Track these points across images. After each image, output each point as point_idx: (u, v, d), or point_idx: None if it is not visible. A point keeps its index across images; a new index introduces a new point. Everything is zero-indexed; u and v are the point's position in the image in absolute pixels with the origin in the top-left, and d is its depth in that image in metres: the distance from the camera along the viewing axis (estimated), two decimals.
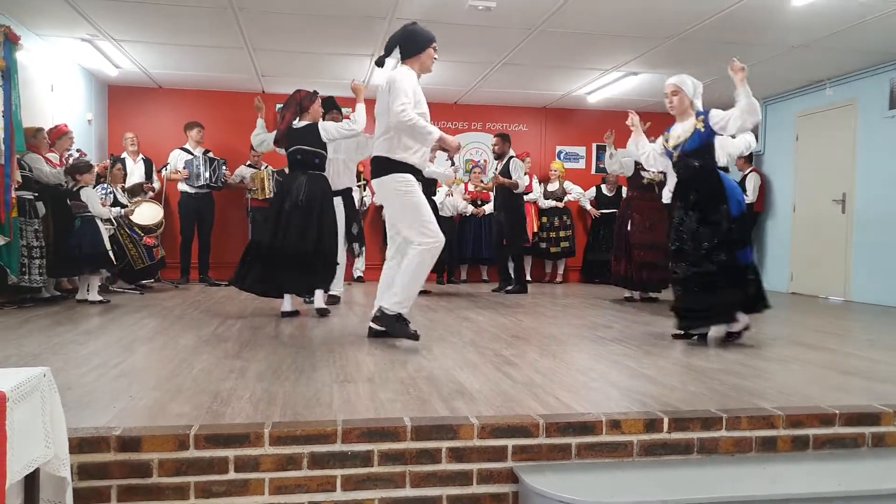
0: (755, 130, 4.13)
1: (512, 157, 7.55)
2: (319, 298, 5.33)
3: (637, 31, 6.35)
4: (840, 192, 7.71)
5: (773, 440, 2.58)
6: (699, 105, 4.35)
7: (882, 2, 5.38)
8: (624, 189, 9.43)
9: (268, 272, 4.95)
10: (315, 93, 5.32)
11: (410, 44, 4.10)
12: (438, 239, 4.02)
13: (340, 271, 5.78)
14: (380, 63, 4.22)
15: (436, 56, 4.18)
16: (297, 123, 5.19)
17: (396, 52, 4.12)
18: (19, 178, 5.50)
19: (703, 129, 4.19)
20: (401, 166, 4.04)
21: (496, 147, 7.76)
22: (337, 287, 6.03)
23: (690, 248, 4.16)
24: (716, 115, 4.16)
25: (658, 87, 8.50)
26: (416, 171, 4.09)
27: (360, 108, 5.27)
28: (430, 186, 7.49)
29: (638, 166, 6.74)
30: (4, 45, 5.37)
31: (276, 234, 4.97)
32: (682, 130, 4.31)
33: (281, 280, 4.98)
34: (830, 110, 7.88)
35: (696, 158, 4.22)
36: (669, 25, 6.14)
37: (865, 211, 7.43)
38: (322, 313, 5.23)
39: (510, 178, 7.41)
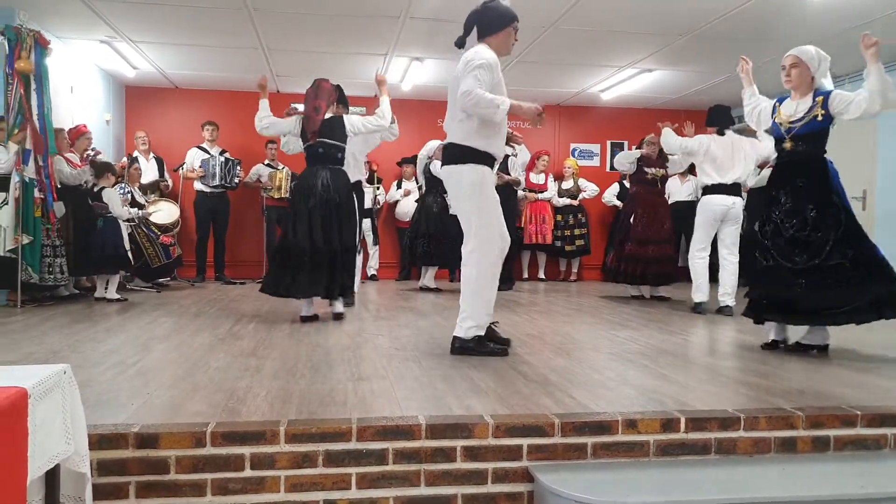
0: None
1: (508, 155, 7.53)
2: (339, 302, 5.05)
3: (651, 28, 6.31)
4: (860, 189, 7.62)
5: (793, 441, 2.55)
6: (826, 83, 3.90)
7: None
8: None
9: (298, 276, 4.72)
10: (338, 86, 5.21)
11: (488, 21, 3.71)
12: (496, 247, 3.64)
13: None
14: (459, 44, 3.82)
15: (516, 38, 3.78)
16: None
17: (475, 32, 3.75)
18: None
19: (821, 116, 3.81)
20: (478, 155, 3.65)
21: None
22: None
23: (814, 240, 3.71)
24: (839, 98, 3.77)
25: (673, 84, 8.50)
26: (492, 163, 3.71)
27: (385, 100, 5.13)
28: (439, 185, 7.51)
29: (641, 162, 6.73)
30: (35, 50, 5.46)
31: (307, 235, 4.75)
32: (797, 109, 3.91)
33: (309, 282, 4.74)
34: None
35: (809, 143, 3.87)
36: (683, 22, 6.09)
37: (886, 207, 7.34)
38: (338, 317, 4.97)
39: (509, 175, 7.40)
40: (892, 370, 3.49)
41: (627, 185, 9.19)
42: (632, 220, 6.72)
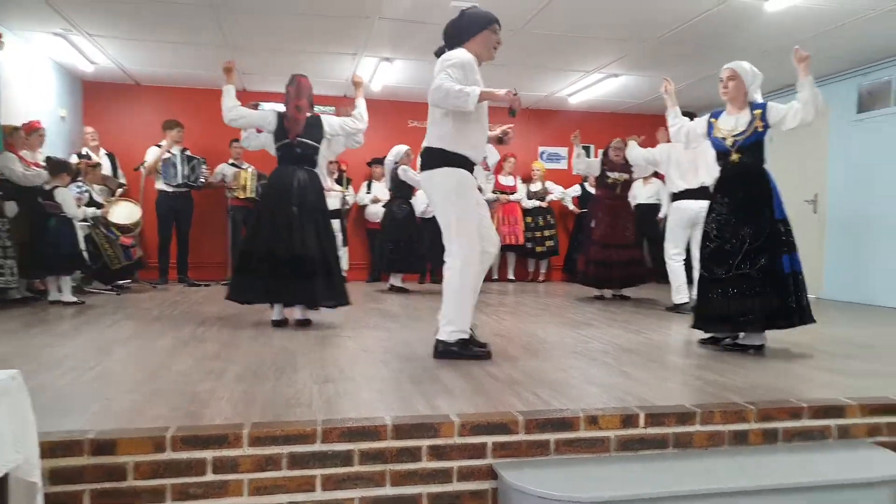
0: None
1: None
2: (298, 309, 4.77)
3: (617, 34, 6.40)
4: (812, 193, 7.85)
5: (745, 433, 2.62)
6: (757, 97, 4.05)
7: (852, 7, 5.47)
8: None
9: (271, 282, 4.52)
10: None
11: (465, 26, 3.67)
12: (477, 252, 3.57)
13: None
14: (438, 53, 3.72)
15: (498, 40, 3.72)
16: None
17: (455, 40, 3.71)
18: None
19: (761, 127, 3.93)
20: (454, 158, 3.57)
21: None
22: None
23: (733, 249, 3.90)
24: (774, 110, 3.92)
25: (638, 89, 8.62)
26: (471, 166, 3.63)
27: (362, 102, 4.99)
28: (406, 191, 7.53)
29: (604, 167, 6.81)
30: None
31: (276, 239, 4.52)
32: (738, 122, 4.02)
33: (284, 289, 4.54)
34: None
35: (751, 154, 3.98)
36: (648, 28, 6.19)
37: (836, 211, 7.58)
38: (302, 324, 4.72)
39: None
40: (836, 364, 3.60)
41: (589, 187, 9.34)
42: (592, 224, 6.82)
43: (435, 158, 3.61)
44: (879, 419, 2.76)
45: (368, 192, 9.16)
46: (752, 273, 3.84)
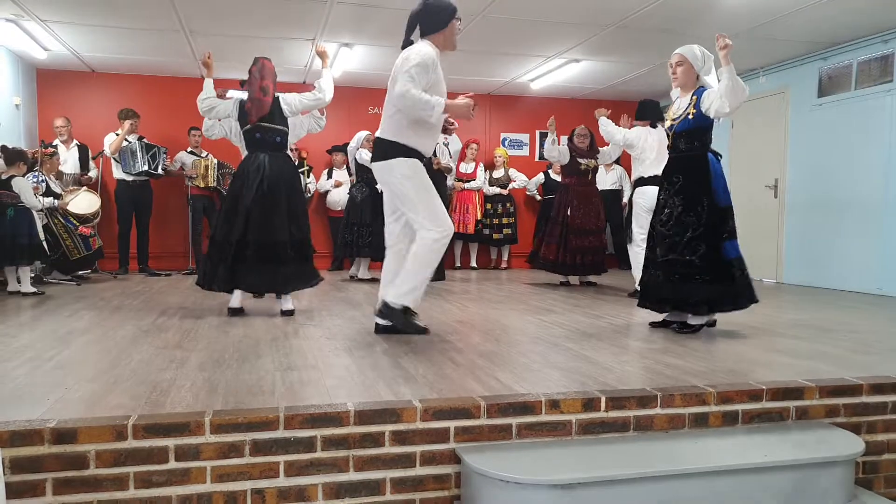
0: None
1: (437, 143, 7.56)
2: (288, 298, 4.73)
3: (578, 19, 6.44)
4: (772, 178, 8.01)
5: (706, 416, 2.69)
6: (709, 81, 4.02)
7: None
8: None
9: (238, 269, 4.46)
10: None
11: (429, 19, 3.76)
12: (449, 229, 3.77)
13: None
14: (404, 46, 3.82)
15: (460, 28, 3.84)
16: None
17: (418, 31, 3.79)
18: None
19: (692, 114, 3.97)
20: (406, 150, 3.75)
21: None
22: None
23: (672, 234, 4.01)
24: (705, 96, 3.91)
25: (600, 75, 8.70)
26: (421, 157, 3.81)
27: (327, 73, 4.87)
28: (369, 175, 7.46)
29: (574, 153, 6.86)
30: None
31: (242, 226, 4.43)
32: (678, 107, 4.10)
33: (253, 278, 4.50)
34: (763, 98, 8.15)
35: (687, 140, 4.04)
36: (609, 13, 6.23)
37: (796, 196, 7.74)
38: (287, 314, 4.63)
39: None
40: (795, 347, 3.71)
41: (553, 175, 9.41)
42: (569, 211, 6.85)
43: (388, 149, 3.76)
44: (837, 400, 2.84)
45: (329, 179, 9.10)
46: (695, 260, 3.95)
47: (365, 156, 7.16)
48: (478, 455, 2.35)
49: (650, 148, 6.01)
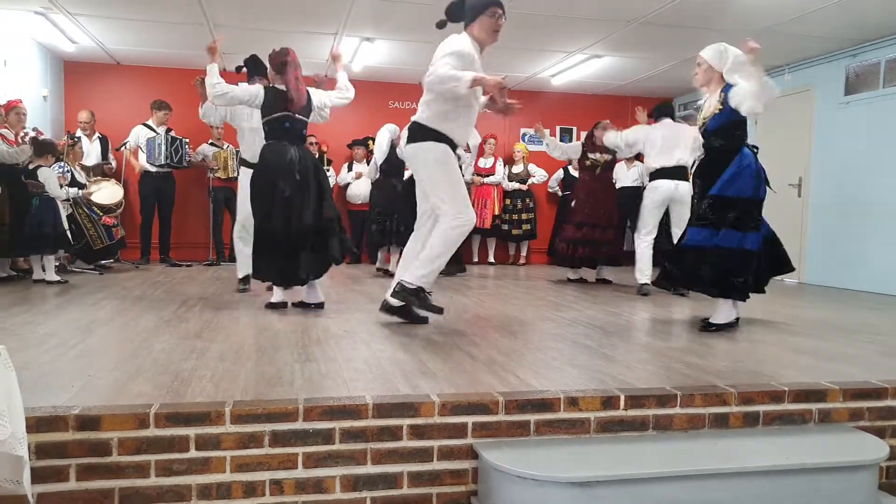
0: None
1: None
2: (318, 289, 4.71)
3: (600, 14, 6.39)
4: (796, 177, 7.90)
5: (726, 417, 2.66)
6: (735, 78, 3.96)
7: None
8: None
9: (287, 264, 4.45)
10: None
11: (466, 8, 3.75)
12: (470, 219, 3.82)
13: None
14: (440, 25, 3.83)
15: (502, 20, 3.76)
16: (283, 87, 4.59)
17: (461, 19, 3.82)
18: None
19: (719, 110, 3.98)
20: (437, 135, 3.78)
21: None
22: None
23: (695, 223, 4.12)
24: (734, 93, 3.89)
25: (621, 71, 8.64)
26: (453, 145, 3.85)
27: (344, 75, 4.95)
28: (400, 168, 7.48)
29: (584, 148, 6.85)
30: None
31: (288, 217, 4.40)
32: (707, 106, 4.13)
33: (299, 268, 4.45)
34: (788, 96, 8.04)
35: (720, 137, 4.05)
36: (631, 9, 6.19)
37: (820, 195, 7.63)
38: (319, 307, 4.64)
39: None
40: (818, 348, 3.67)
41: (573, 171, 9.37)
42: (573, 204, 6.89)
43: (420, 133, 3.80)
44: (861, 403, 2.79)
45: (350, 172, 9.13)
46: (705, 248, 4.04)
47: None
48: (495, 451, 2.35)
49: (651, 142, 6.10)
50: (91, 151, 7.87)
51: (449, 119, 3.77)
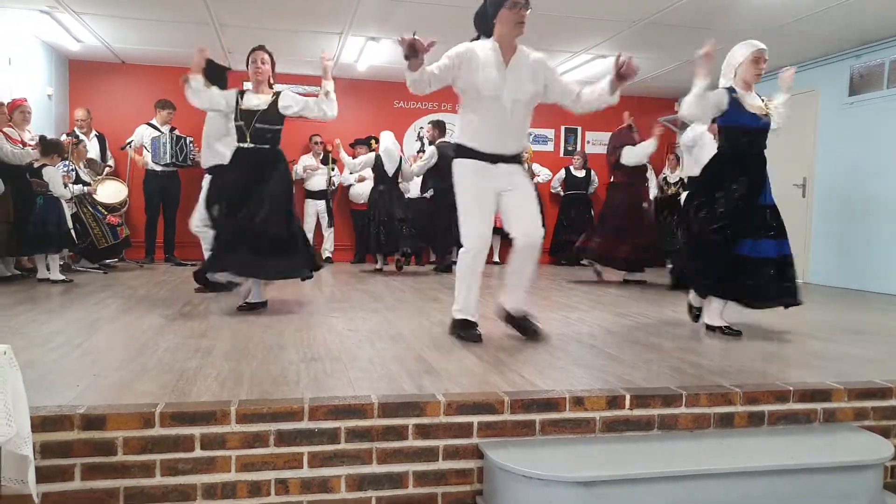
0: None
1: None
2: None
3: (605, 15, 6.38)
4: (801, 177, 7.89)
5: (731, 416, 2.66)
6: (723, 82, 4.13)
7: None
8: (593, 172, 9.53)
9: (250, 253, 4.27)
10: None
11: (481, 17, 3.65)
12: (472, 247, 3.54)
13: None
14: (474, 41, 3.67)
15: (524, 11, 3.55)
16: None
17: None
18: None
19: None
20: (461, 150, 3.59)
21: (428, 133, 7.93)
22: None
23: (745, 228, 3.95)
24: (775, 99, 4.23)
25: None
26: (481, 156, 3.52)
27: (331, 86, 4.70)
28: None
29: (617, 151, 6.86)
30: None
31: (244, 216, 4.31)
32: (756, 104, 4.16)
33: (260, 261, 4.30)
34: (793, 97, 7.99)
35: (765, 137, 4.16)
36: (636, 9, 6.17)
37: (824, 195, 7.62)
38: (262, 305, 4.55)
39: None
40: (822, 348, 3.66)
41: (574, 171, 9.38)
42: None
43: (455, 150, 3.69)
44: (866, 403, 2.79)
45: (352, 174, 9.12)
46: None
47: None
48: (501, 450, 2.35)
49: (704, 144, 5.98)
50: (89, 150, 7.87)
51: (471, 130, 3.55)
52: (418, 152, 9.24)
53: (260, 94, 4.57)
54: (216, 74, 5.20)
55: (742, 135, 4.07)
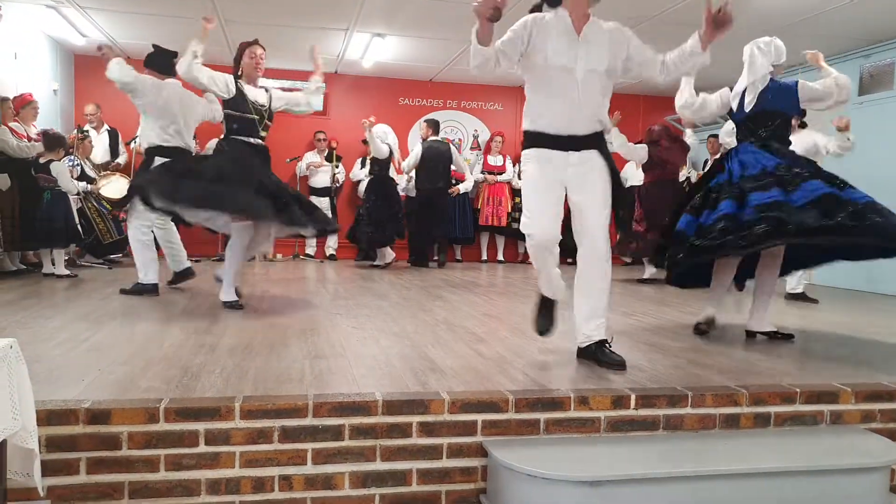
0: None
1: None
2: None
3: (612, 13, 6.25)
4: None
5: (737, 417, 2.64)
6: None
7: None
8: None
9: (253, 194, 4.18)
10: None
11: None
12: (532, 233, 3.14)
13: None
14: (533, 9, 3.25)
15: None
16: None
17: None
18: None
19: None
20: (528, 136, 3.22)
21: (422, 131, 7.96)
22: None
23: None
24: None
25: None
26: (542, 140, 3.13)
27: (319, 80, 4.77)
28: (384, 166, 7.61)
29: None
30: None
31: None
32: None
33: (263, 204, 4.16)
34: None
35: None
36: (641, 8, 6.15)
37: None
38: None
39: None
40: (829, 349, 3.64)
41: None
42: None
43: (524, 139, 3.29)
44: (873, 405, 2.77)
45: (363, 168, 9.11)
46: None
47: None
48: (505, 449, 2.34)
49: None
50: (99, 144, 7.88)
51: (530, 112, 3.21)
52: None
53: (256, 89, 4.58)
54: (163, 60, 5.29)
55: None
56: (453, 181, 9.10)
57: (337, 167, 8.99)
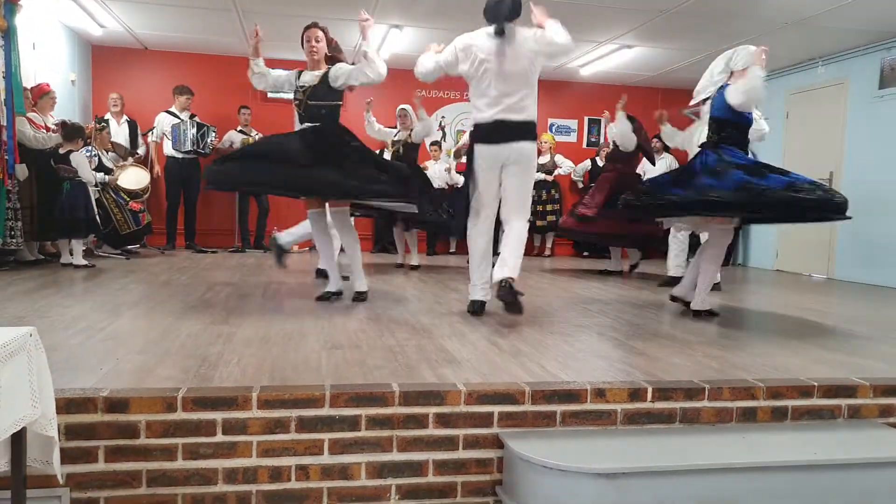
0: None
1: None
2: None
3: (631, 4, 6.30)
4: (828, 171, 7.75)
5: (754, 411, 2.62)
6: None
7: None
8: None
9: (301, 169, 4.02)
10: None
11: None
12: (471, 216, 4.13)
13: None
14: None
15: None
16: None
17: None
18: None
19: None
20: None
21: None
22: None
23: None
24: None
25: (652, 62, 8.51)
26: (480, 129, 4.24)
27: (371, 47, 4.55)
28: (412, 153, 7.50)
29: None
30: (5, 7, 5.30)
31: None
32: None
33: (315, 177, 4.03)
34: (821, 89, 7.88)
35: None
36: (656, 1, 6.09)
37: (851, 190, 7.40)
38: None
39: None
40: (847, 344, 3.60)
41: (600, 162, 9.27)
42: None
43: (534, 131, 4.28)
44: (891, 400, 2.75)
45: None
46: None
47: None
48: (521, 441, 2.34)
49: None
50: (119, 134, 7.94)
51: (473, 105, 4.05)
52: (439, 141, 9.22)
53: (315, 72, 4.42)
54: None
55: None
56: None
57: None
